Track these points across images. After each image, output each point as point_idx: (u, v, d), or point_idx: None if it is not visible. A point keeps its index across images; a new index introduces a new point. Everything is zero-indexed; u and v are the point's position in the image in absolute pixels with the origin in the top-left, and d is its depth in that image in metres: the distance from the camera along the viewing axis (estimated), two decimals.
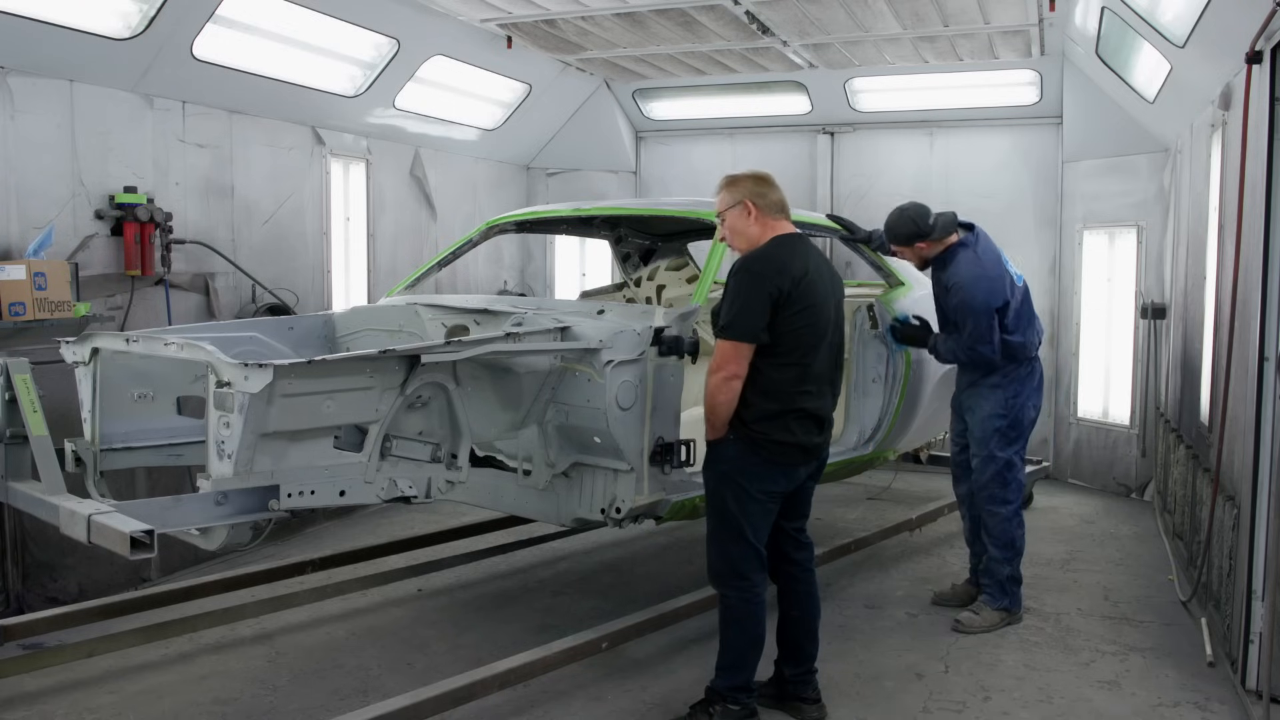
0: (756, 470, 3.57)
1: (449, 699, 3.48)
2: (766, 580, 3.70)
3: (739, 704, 3.67)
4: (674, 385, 4.04)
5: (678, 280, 6.42)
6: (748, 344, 3.49)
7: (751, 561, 3.61)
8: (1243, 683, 3.95)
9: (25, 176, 5.00)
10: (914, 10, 6.17)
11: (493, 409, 3.90)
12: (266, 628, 4.65)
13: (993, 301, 4.61)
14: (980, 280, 4.61)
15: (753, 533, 3.59)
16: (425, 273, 5.37)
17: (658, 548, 6.10)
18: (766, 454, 3.55)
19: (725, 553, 3.63)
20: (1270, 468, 3.76)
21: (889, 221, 4.80)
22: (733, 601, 3.64)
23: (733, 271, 3.57)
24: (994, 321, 4.61)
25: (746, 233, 3.67)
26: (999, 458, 4.75)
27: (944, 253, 4.73)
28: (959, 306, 4.63)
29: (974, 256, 4.67)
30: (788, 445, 3.57)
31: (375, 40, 6.45)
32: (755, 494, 3.58)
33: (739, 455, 3.57)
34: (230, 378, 3.09)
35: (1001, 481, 4.76)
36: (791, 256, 3.56)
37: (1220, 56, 4.47)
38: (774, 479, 3.60)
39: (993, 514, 4.79)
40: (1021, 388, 4.77)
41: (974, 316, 4.58)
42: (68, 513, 3.06)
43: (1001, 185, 8.10)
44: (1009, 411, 4.75)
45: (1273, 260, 3.77)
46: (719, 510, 3.63)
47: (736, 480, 3.58)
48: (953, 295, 4.66)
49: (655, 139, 9.22)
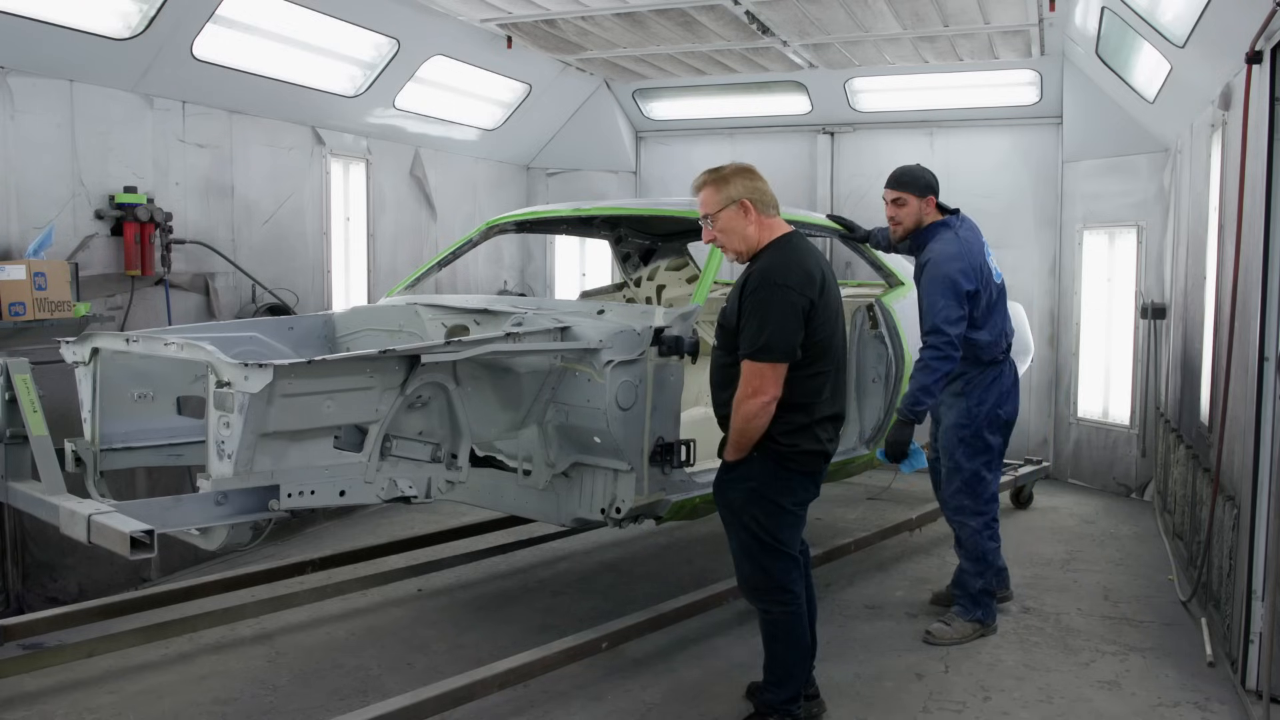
0: (788, 483, 3.46)
1: (449, 699, 3.48)
2: (804, 590, 3.63)
3: (792, 716, 3.61)
4: (674, 385, 4.03)
5: (678, 280, 6.42)
6: (785, 364, 3.33)
7: (791, 572, 3.53)
8: (1243, 683, 3.95)
9: (25, 176, 5.00)
10: (914, 10, 6.17)
11: (493, 409, 3.90)
12: (266, 628, 4.65)
13: (964, 283, 4.38)
14: (958, 258, 4.42)
15: (788, 544, 3.52)
16: (425, 273, 5.37)
17: (658, 548, 6.10)
18: (796, 466, 3.45)
19: (763, 567, 3.51)
20: (1270, 468, 3.76)
21: (906, 169, 4.67)
22: (776, 615, 3.55)
23: (756, 286, 3.36)
24: (962, 307, 4.37)
25: (743, 234, 3.47)
26: (965, 469, 4.61)
27: (926, 230, 4.62)
28: (930, 282, 4.41)
29: (955, 237, 4.53)
30: (815, 454, 3.48)
31: (375, 40, 6.45)
32: (789, 507, 3.49)
33: (768, 471, 3.44)
34: (230, 378, 3.09)
35: (970, 493, 4.63)
36: (811, 263, 3.41)
37: (1220, 56, 4.47)
38: (805, 488, 3.52)
39: (962, 525, 4.68)
40: (986, 395, 4.58)
41: (943, 294, 4.35)
42: (68, 513, 3.06)
43: (1001, 185, 8.10)
44: (971, 421, 4.58)
45: (1273, 260, 3.77)
46: (750, 528, 3.48)
47: (768, 497, 3.45)
48: (927, 271, 4.48)
49: (655, 139, 9.23)
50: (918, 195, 4.61)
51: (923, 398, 4.31)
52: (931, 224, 4.63)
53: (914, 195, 4.61)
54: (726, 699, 3.96)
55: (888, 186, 4.70)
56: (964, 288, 4.40)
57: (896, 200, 4.66)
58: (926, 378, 4.32)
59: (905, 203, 4.63)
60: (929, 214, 4.63)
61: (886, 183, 4.71)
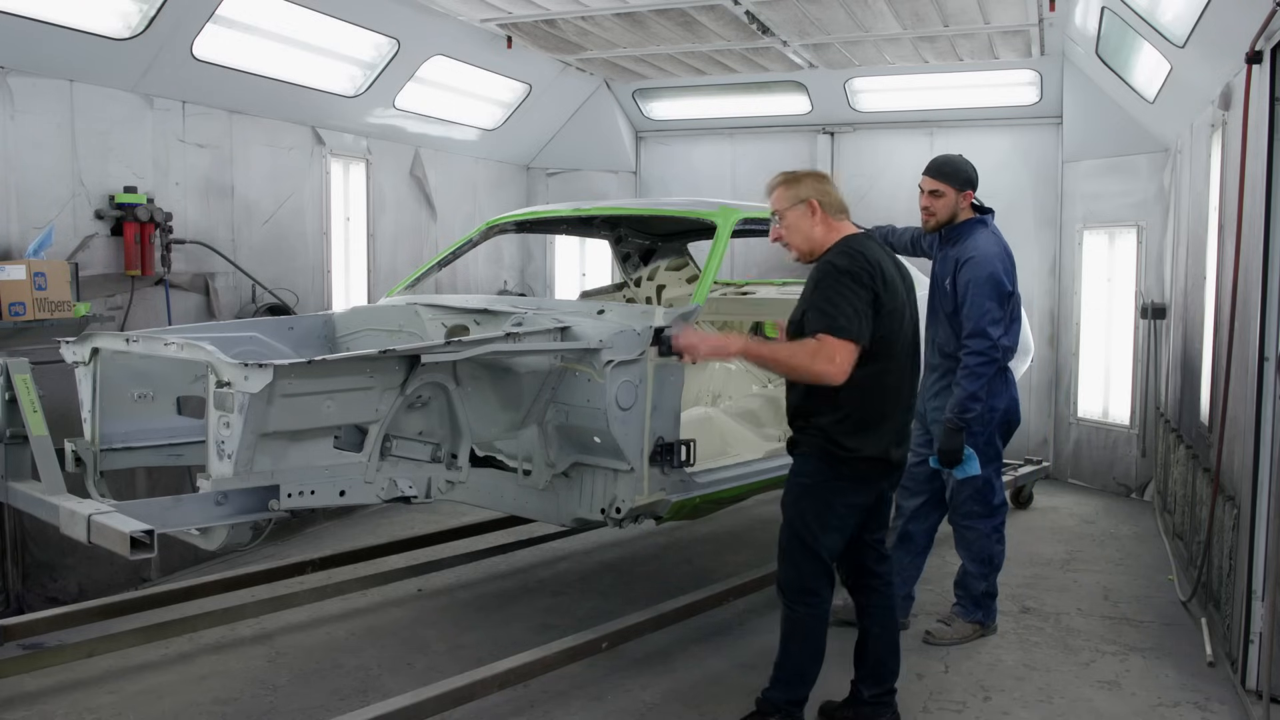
0: (839, 484, 3.45)
1: (449, 699, 3.48)
2: (833, 595, 3.61)
3: (793, 717, 3.60)
4: (674, 385, 4.03)
5: (678, 280, 6.41)
6: (856, 346, 3.27)
7: (821, 578, 3.52)
8: (1243, 683, 3.95)
9: (25, 176, 5.00)
10: (914, 10, 6.17)
11: (493, 409, 3.90)
12: (266, 628, 4.65)
13: (1007, 284, 4.30)
14: (1002, 258, 4.32)
15: (826, 548, 3.50)
16: (425, 273, 5.37)
17: (658, 548, 6.10)
18: (850, 470, 3.43)
19: (797, 566, 3.52)
20: (1270, 468, 3.76)
21: (948, 159, 4.54)
22: (800, 616, 3.54)
23: (822, 275, 3.38)
24: (1003, 308, 4.30)
25: (810, 234, 3.51)
26: (978, 475, 4.50)
27: (962, 226, 4.47)
28: (975, 282, 4.25)
29: (993, 236, 4.44)
30: (871, 460, 3.44)
31: (375, 40, 6.45)
32: (838, 507, 3.48)
33: (821, 469, 3.44)
34: (230, 378, 3.09)
35: (981, 499, 4.56)
36: (878, 259, 3.42)
37: (1220, 56, 4.47)
38: (857, 492, 3.50)
39: (971, 529, 4.61)
40: (998, 401, 4.46)
41: (989, 295, 4.23)
42: (68, 513, 3.06)
43: (1001, 185, 8.08)
44: (985, 428, 4.43)
45: (1273, 260, 3.77)
46: (795, 523, 3.50)
47: (819, 494, 3.46)
48: (966, 270, 4.29)
49: (655, 139, 9.23)
50: (956, 188, 4.45)
51: (970, 404, 4.24)
52: (969, 220, 4.48)
53: (953, 188, 4.44)
54: (726, 699, 3.95)
55: (926, 174, 4.50)
56: (1006, 289, 4.32)
57: (934, 191, 4.47)
58: (973, 384, 4.24)
59: (942, 194, 4.45)
60: (964, 210, 4.49)
61: (925, 170, 4.52)
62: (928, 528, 4.73)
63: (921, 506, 4.69)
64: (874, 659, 3.72)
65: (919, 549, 4.74)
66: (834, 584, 3.61)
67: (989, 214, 4.56)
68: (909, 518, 4.71)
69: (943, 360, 4.52)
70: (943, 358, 4.52)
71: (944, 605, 4.92)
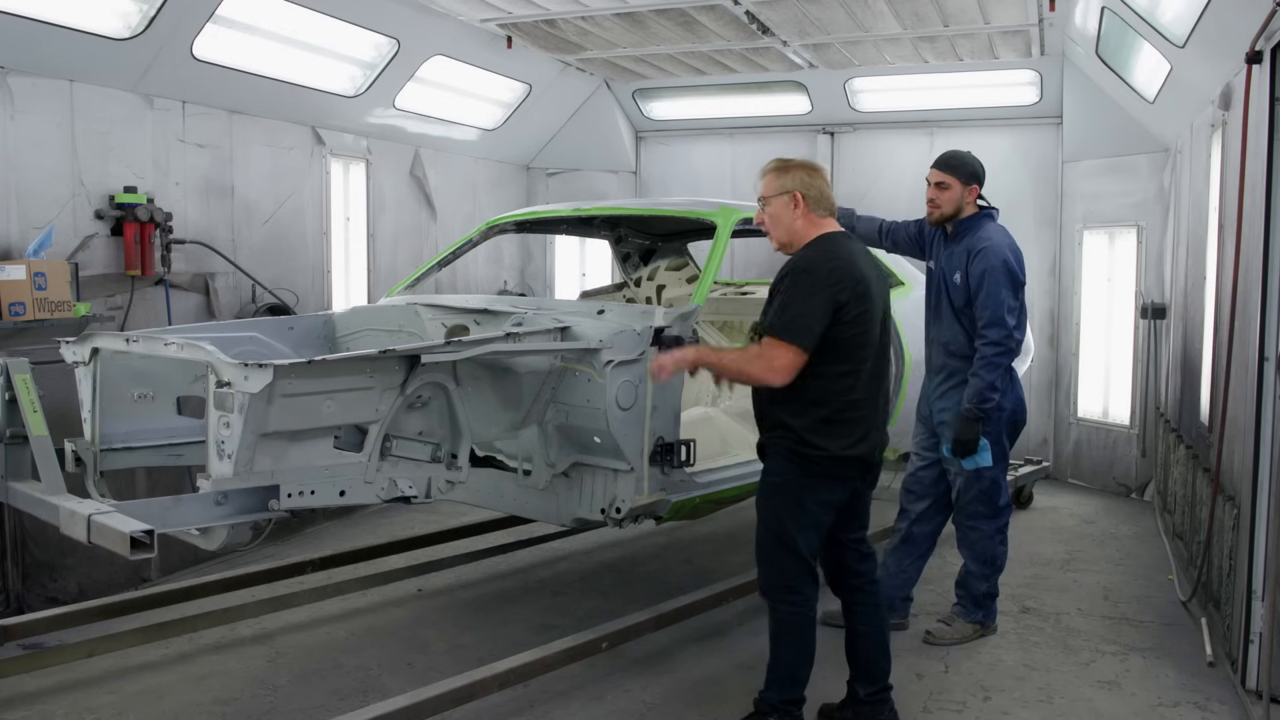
0: (809, 480, 3.46)
1: (449, 699, 3.48)
2: (817, 593, 3.61)
3: (792, 716, 3.60)
4: (674, 385, 4.03)
5: (678, 280, 6.42)
6: (802, 351, 3.32)
7: (803, 575, 3.52)
8: (1243, 683, 3.95)
9: (25, 176, 5.00)
10: (914, 10, 6.17)
11: (493, 409, 3.90)
12: (266, 628, 4.65)
13: (1020, 274, 4.33)
14: (1014, 249, 4.35)
15: (804, 545, 3.50)
16: (425, 273, 5.38)
17: (658, 548, 6.10)
18: (820, 467, 3.44)
19: (778, 566, 3.52)
20: (1270, 468, 3.76)
21: (955, 153, 4.56)
22: (784, 614, 3.55)
23: (785, 274, 3.42)
24: (1018, 298, 4.31)
25: (789, 225, 3.50)
26: (985, 475, 4.46)
27: (970, 220, 4.49)
28: (990, 271, 4.26)
29: (1002, 228, 4.48)
30: (841, 458, 3.45)
31: (375, 40, 6.45)
32: (809, 505, 3.48)
33: (790, 467, 3.46)
34: (230, 378, 3.09)
35: (986, 500, 4.54)
36: (850, 262, 3.42)
37: (1220, 56, 4.47)
38: (829, 489, 3.50)
39: (975, 529, 4.59)
40: (1005, 400, 4.43)
41: (1004, 284, 4.25)
42: (68, 513, 3.06)
43: (1001, 185, 8.03)
44: (995, 427, 4.40)
45: (1273, 260, 3.77)
46: (769, 522, 3.52)
47: (789, 491, 3.47)
48: (980, 259, 4.30)
49: (655, 139, 9.23)
50: (962, 182, 4.47)
51: (989, 394, 4.27)
52: (976, 215, 4.51)
53: (959, 181, 4.46)
54: (726, 699, 3.95)
55: (935, 167, 4.54)
56: (1020, 277, 4.36)
57: (941, 183, 4.49)
58: (991, 374, 4.26)
59: (949, 186, 4.47)
60: (969, 204, 4.51)
61: (934, 163, 4.56)
62: (931, 530, 4.74)
63: (927, 510, 4.70)
64: (864, 657, 3.72)
65: (921, 552, 4.75)
66: (817, 581, 3.61)
67: (994, 212, 4.56)
68: (914, 520, 4.72)
69: (949, 360, 4.50)
70: (949, 357, 4.50)
71: (944, 605, 4.92)
